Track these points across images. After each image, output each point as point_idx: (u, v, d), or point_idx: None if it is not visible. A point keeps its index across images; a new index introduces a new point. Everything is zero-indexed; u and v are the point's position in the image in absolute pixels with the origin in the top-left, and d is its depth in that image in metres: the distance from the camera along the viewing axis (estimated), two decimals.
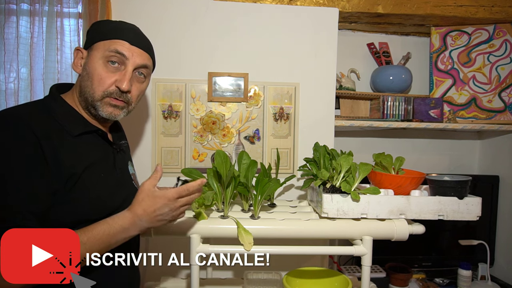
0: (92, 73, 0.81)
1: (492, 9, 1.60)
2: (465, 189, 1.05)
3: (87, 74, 0.82)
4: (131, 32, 0.86)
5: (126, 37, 0.84)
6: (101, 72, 0.81)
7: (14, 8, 1.40)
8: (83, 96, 0.83)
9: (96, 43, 0.83)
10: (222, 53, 1.48)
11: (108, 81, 0.82)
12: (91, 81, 0.81)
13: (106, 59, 0.81)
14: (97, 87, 0.81)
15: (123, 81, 0.82)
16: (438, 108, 1.65)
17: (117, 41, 0.83)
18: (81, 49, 0.85)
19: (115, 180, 0.87)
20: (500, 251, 1.75)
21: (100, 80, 0.81)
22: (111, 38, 0.83)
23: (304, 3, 1.54)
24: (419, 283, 1.60)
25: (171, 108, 1.47)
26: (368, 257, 1.01)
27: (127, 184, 0.93)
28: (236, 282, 1.33)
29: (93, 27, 0.88)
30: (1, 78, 1.40)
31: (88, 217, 0.77)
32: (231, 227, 1.01)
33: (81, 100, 0.84)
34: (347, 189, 1.01)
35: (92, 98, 0.82)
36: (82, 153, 0.79)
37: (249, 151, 1.48)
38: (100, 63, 0.81)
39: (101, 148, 0.86)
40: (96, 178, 0.81)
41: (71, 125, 0.79)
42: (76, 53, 0.86)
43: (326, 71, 1.53)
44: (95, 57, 0.82)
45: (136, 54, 0.85)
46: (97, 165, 0.81)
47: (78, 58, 0.85)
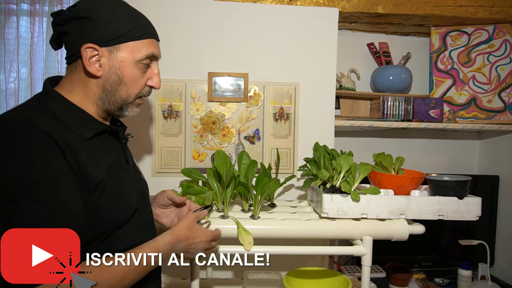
0: (127, 77, 0.76)
1: (492, 9, 1.60)
2: (465, 189, 1.05)
3: (119, 79, 0.75)
4: (151, 25, 0.82)
5: (153, 34, 0.80)
6: (137, 76, 0.77)
7: (14, 8, 1.40)
8: (111, 100, 0.77)
9: (124, 43, 0.74)
10: (222, 53, 1.48)
11: (142, 83, 0.79)
12: (125, 86, 0.77)
13: (140, 62, 0.76)
14: (132, 91, 0.78)
15: (157, 81, 0.81)
16: (438, 108, 1.65)
17: (148, 42, 0.78)
18: (95, 46, 0.71)
19: (131, 175, 0.84)
20: (500, 251, 1.75)
21: (136, 84, 0.78)
22: (141, 38, 0.76)
23: (304, 3, 1.54)
24: (419, 283, 1.60)
25: (171, 108, 1.47)
26: (368, 257, 1.01)
27: (139, 178, 0.90)
28: (236, 282, 1.33)
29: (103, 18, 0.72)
30: (1, 78, 1.40)
31: (118, 220, 0.74)
32: (231, 227, 1.01)
33: (103, 103, 0.77)
34: (347, 189, 1.01)
35: (124, 102, 0.78)
36: (100, 156, 0.73)
37: (249, 151, 1.48)
38: (133, 66, 0.76)
39: (113, 146, 0.81)
40: (118, 179, 0.76)
41: (82, 127, 0.72)
42: (91, 53, 0.72)
43: (326, 71, 1.53)
44: (127, 61, 0.75)
45: (159, 48, 0.82)
46: (115, 166, 0.77)
47: (95, 58, 0.72)
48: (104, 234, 0.72)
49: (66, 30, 0.73)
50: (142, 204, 0.85)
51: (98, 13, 0.72)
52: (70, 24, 0.72)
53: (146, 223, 0.86)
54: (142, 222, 0.84)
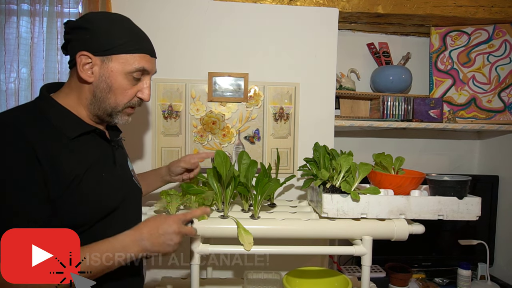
0: (115, 87, 0.80)
1: (491, 9, 1.61)
2: (465, 189, 1.05)
3: (108, 87, 0.80)
4: (148, 42, 0.86)
5: (147, 50, 0.83)
6: (125, 86, 0.81)
7: (15, 8, 1.40)
8: (100, 107, 0.81)
9: (116, 55, 0.78)
10: (222, 53, 1.48)
11: (131, 93, 0.83)
12: (114, 94, 0.81)
13: (130, 74, 0.81)
14: (121, 100, 0.82)
15: (147, 94, 0.85)
16: (438, 108, 1.65)
17: (143, 56, 0.82)
18: (89, 54, 0.77)
19: (117, 177, 0.87)
20: (500, 251, 1.75)
21: (124, 94, 0.82)
22: (134, 52, 0.80)
23: (304, 3, 1.54)
24: (419, 283, 1.60)
25: (171, 108, 1.47)
26: (368, 257, 1.01)
27: (128, 181, 0.93)
28: (236, 282, 1.33)
29: (100, 30, 0.78)
30: (2, 78, 1.40)
31: (91, 218, 0.77)
32: (231, 227, 1.01)
33: (94, 108, 0.82)
34: (347, 189, 1.01)
35: (113, 110, 0.82)
36: (81, 154, 0.78)
37: (249, 151, 1.49)
38: (123, 77, 0.80)
39: (100, 147, 0.85)
40: (98, 178, 0.80)
41: (68, 127, 0.78)
42: (85, 60, 0.77)
43: (326, 71, 1.53)
44: (117, 71, 0.79)
45: (154, 64, 0.86)
46: (97, 165, 0.81)
47: (88, 66, 0.78)
48: (78, 227, 0.74)
49: (69, 38, 0.81)
50: (124, 206, 0.86)
51: (97, 25, 0.78)
52: (72, 32, 0.80)
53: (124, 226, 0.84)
54: (119, 223, 0.84)
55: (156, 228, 0.78)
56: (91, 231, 0.77)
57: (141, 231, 0.77)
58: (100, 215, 0.79)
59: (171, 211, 1.06)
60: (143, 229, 0.77)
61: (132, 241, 0.75)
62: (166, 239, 0.78)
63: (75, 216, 0.74)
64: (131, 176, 0.96)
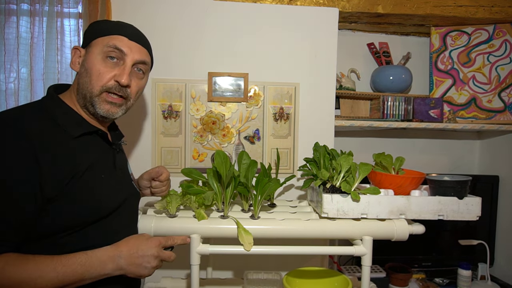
0: (90, 68, 0.81)
1: (492, 9, 1.60)
2: (465, 189, 1.05)
3: (85, 71, 0.81)
4: (129, 28, 0.86)
5: (125, 33, 0.84)
6: (100, 67, 0.81)
7: (14, 8, 1.40)
8: (81, 94, 0.82)
9: (94, 40, 0.83)
10: (222, 53, 1.48)
11: (107, 76, 0.81)
12: (89, 77, 0.81)
13: (105, 55, 0.81)
14: (95, 82, 0.81)
15: (123, 75, 0.82)
16: (438, 108, 1.65)
17: (116, 37, 0.83)
18: (79, 47, 0.85)
19: (116, 180, 0.87)
20: (500, 251, 1.75)
21: (99, 75, 0.81)
22: (109, 34, 0.83)
23: (304, 3, 1.54)
24: (419, 283, 1.60)
25: (171, 108, 1.47)
26: (368, 257, 1.01)
27: (127, 185, 0.93)
28: (236, 282, 1.33)
29: (91, 26, 0.88)
30: (1, 78, 1.40)
31: (86, 219, 0.77)
32: (231, 227, 1.01)
33: (80, 98, 0.83)
34: (347, 189, 1.01)
35: (90, 94, 0.81)
36: (82, 154, 0.78)
37: (249, 151, 1.48)
38: (98, 59, 0.81)
39: (101, 148, 0.86)
40: (97, 179, 0.80)
41: (71, 126, 0.79)
42: (74, 52, 0.85)
43: (326, 71, 1.53)
44: (93, 53, 0.82)
45: (135, 49, 0.85)
46: (97, 166, 0.81)
47: (76, 56, 0.85)
48: (71, 227, 0.74)
49: None
50: (121, 209, 0.86)
51: (91, 25, 0.87)
52: None
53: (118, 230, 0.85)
54: (114, 226, 0.84)
55: (135, 248, 0.78)
56: (82, 232, 0.77)
57: (120, 248, 0.77)
58: (98, 216, 0.79)
59: (171, 211, 1.06)
60: (122, 247, 0.77)
61: (109, 257, 0.75)
62: (144, 261, 0.78)
63: (71, 215, 0.74)
64: (131, 180, 0.96)
